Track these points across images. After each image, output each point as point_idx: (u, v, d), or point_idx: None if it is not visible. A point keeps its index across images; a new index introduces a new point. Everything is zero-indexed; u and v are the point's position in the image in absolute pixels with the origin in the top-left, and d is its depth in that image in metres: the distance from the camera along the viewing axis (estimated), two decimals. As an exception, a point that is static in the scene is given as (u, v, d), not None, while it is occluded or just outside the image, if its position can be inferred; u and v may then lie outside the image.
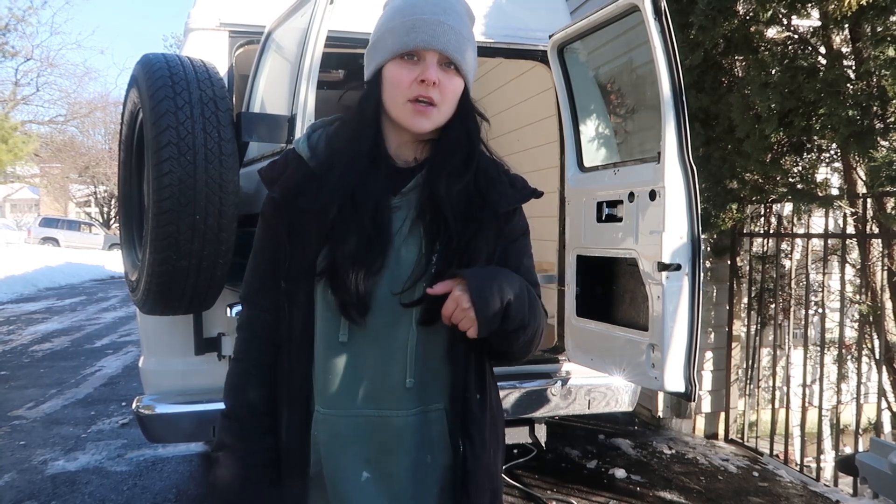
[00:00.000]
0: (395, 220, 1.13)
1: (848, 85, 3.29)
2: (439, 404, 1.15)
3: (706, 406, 4.49)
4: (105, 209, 33.03)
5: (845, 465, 2.30)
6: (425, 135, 1.16)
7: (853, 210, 3.61)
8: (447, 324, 1.07)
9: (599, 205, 2.76)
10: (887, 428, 3.88)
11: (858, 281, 3.85)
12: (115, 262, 18.25)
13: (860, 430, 3.66)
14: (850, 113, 3.19)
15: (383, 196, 1.13)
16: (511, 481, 3.51)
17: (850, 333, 3.94)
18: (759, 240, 4.32)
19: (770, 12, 3.45)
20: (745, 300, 4.40)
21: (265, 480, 1.16)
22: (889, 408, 3.70)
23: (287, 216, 1.16)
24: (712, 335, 4.46)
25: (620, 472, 3.73)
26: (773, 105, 3.46)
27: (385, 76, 1.15)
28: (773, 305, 4.26)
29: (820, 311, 4.03)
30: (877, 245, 3.66)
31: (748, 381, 4.48)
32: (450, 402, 1.15)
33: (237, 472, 1.15)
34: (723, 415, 4.49)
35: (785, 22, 3.67)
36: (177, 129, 2.18)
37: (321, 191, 1.13)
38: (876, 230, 3.55)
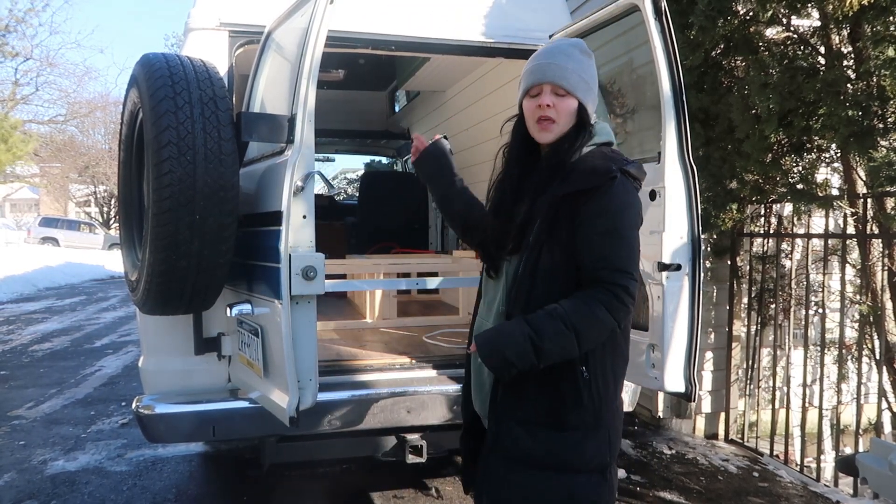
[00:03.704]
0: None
1: (848, 85, 3.29)
2: None
3: (706, 406, 4.49)
4: (105, 209, 32.99)
5: (845, 465, 2.30)
6: (554, 142, 1.64)
7: (853, 210, 3.61)
8: None
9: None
10: (888, 428, 3.87)
11: (859, 281, 3.85)
12: (114, 262, 18.23)
13: (860, 431, 3.66)
14: (850, 113, 3.19)
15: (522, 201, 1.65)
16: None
17: (851, 334, 3.94)
18: (759, 240, 4.32)
19: (770, 12, 3.45)
20: (746, 300, 4.40)
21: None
22: (889, 408, 3.69)
23: None
24: (712, 335, 4.46)
25: (620, 473, 3.73)
26: (772, 105, 3.46)
27: (523, 109, 1.69)
28: (773, 305, 4.26)
29: (820, 311, 4.03)
30: (877, 245, 3.66)
31: (748, 382, 4.48)
32: None
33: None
34: (723, 415, 4.49)
35: (785, 22, 3.67)
36: (177, 129, 2.17)
37: (495, 193, 1.77)
38: (876, 230, 3.55)
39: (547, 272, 1.56)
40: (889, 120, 3.25)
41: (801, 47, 3.67)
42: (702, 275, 2.42)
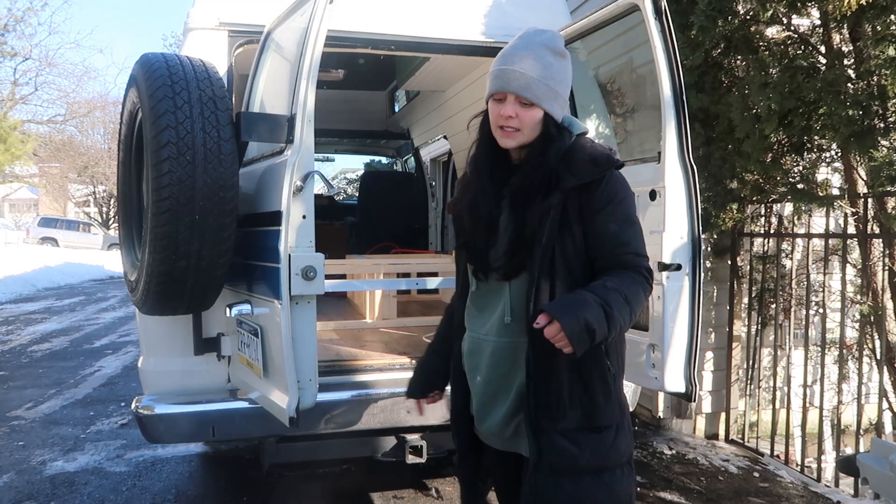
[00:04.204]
0: (503, 207, 1.63)
1: (848, 84, 3.29)
2: (526, 339, 1.58)
3: (706, 406, 4.49)
4: (104, 209, 32.99)
5: (846, 465, 2.30)
6: (518, 147, 1.62)
7: (854, 210, 3.61)
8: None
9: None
10: (888, 428, 3.87)
11: (859, 281, 3.85)
12: (114, 263, 18.24)
13: (861, 431, 3.66)
14: (851, 112, 3.19)
15: (496, 198, 1.63)
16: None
17: (851, 334, 3.93)
18: (760, 240, 4.32)
19: (770, 12, 3.45)
20: (746, 300, 4.39)
21: (431, 362, 1.97)
22: (890, 408, 3.69)
23: (454, 212, 1.77)
24: (713, 335, 4.46)
25: (621, 473, 3.73)
26: (772, 105, 3.46)
27: (488, 109, 1.64)
28: (773, 305, 4.25)
29: (821, 311, 4.02)
30: (878, 245, 3.66)
31: (749, 382, 4.48)
32: (528, 335, 1.56)
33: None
34: (723, 415, 4.49)
35: (785, 21, 3.67)
36: (176, 129, 2.17)
37: (465, 193, 1.72)
38: (877, 230, 3.55)
39: (564, 269, 1.55)
40: (890, 119, 3.25)
41: (802, 47, 3.67)
42: (702, 275, 2.41)
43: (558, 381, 1.56)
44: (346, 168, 23.47)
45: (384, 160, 10.24)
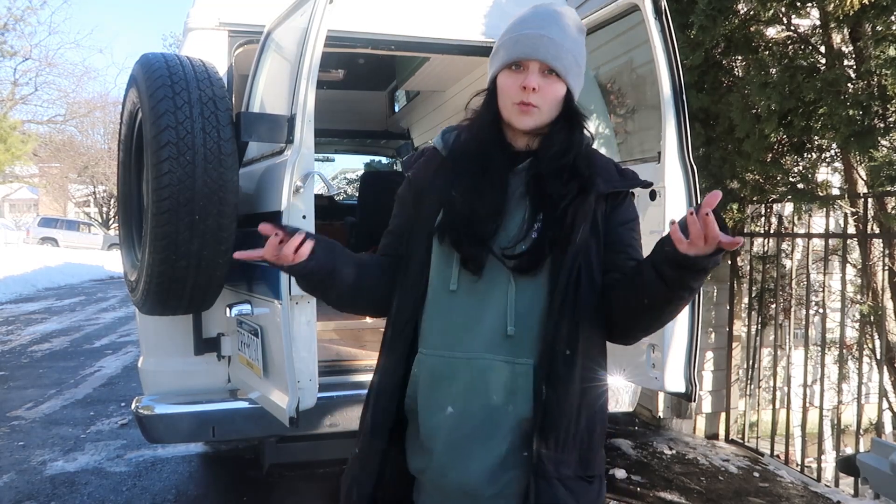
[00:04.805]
0: (509, 193, 1.35)
1: (848, 84, 3.29)
2: (529, 360, 1.29)
3: (707, 406, 4.49)
4: (104, 209, 33.00)
5: (846, 465, 2.29)
6: (534, 130, 1.35)
7: (854, 210, 3.61)
8: (694, 229, 1.06)
9: (600, 205, 2.75)
10: (888, 428, 3.87)
11: (859, 281, 3.85)
12: (114, 263, 18.23)
13: (861, 431, 3.66)
14: (851, 112, 3.19)
15: (505, 171, 1.35)
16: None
17: (851, 333, 3.93)
18: (760, 240, 4.32)
19: (771, 11, 3.45)
20: (746, 300, 4.39)
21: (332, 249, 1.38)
22: (890, 408, 3.69)
23: (415, 189, 1.44)
24: (713, 335, 4.46)
25: (621, 473, 3.73)
26: (772, 105, 3.46)
27: (498, 83, 1.36)
28: (773, 305, 4.25)
29: (821, 311, 4.02)
30: (878, 245, 3.66)
31: (749, 382, 4.48)
32: (538, 357, 1.28)
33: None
34: (723, 415, 4.49)
35: (785, 21, 3.67)
36: (176, 129, 2.17)
37: (451, 170, 1.38)
38: (877, 230, 3.55)
39: (588, 278, 1.33)
40: (890, 119, 3.25)
41: (802, 47, 3.67)
42: (702, 275, 2.41)
43: (569, 413, 1.30)
44: (346, 168, 23.42)
45: (384, 160, 10.23)
